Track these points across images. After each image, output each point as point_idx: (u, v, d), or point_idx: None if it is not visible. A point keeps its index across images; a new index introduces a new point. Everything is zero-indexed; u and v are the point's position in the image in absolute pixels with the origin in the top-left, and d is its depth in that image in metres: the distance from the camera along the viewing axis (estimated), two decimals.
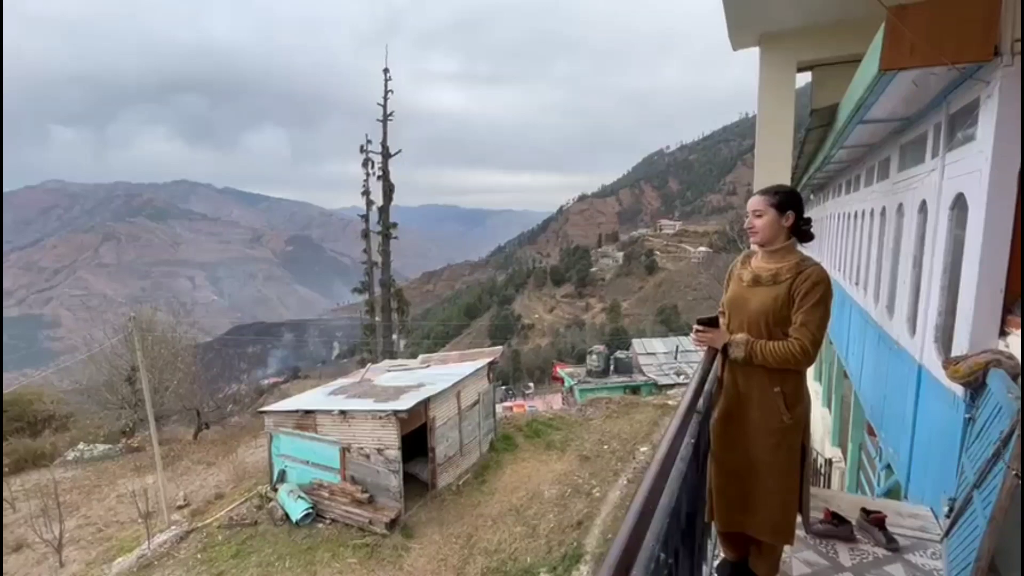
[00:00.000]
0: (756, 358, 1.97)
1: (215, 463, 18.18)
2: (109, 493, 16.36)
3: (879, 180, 4.37)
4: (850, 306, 5.62)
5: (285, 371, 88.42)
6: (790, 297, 1.96)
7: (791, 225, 2.03)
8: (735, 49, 4.45)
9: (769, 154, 4.19)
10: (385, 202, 26.66)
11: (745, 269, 2.14)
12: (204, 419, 21.89)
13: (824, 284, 1.95)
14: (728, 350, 2.04)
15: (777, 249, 2.05)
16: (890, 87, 2.63)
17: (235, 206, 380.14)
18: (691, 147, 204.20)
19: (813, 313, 1.92)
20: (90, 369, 21.31)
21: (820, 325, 1.92)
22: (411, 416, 10.80)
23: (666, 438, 1.29)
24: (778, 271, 2.01)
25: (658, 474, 1.13)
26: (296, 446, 11.66)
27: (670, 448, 1.25)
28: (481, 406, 13.55)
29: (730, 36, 4.27)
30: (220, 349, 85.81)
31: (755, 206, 2.04)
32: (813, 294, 1.93)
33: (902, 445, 3.28)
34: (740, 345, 1.99)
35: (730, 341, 2.02)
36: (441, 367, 14.44)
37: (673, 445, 1.29)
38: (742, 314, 2.06)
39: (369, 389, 12.41)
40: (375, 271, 27.04)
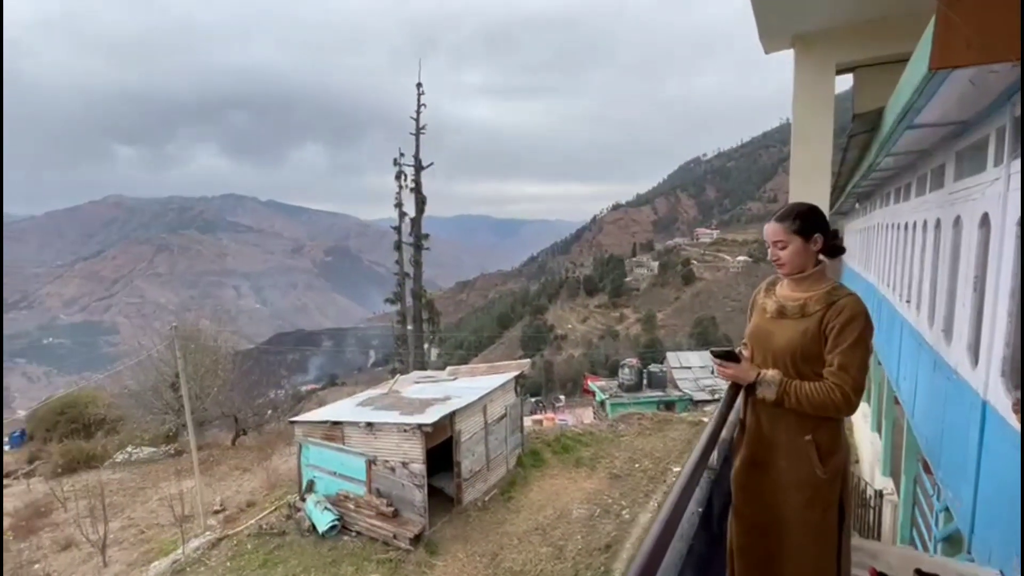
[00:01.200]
0: (789, 401, 1.71)
1: (250, 469, 18.62)
2: (152, 496, 16.96)
3: (932, 190, 3.98)
4: (901, 324, 5.16)
5: (323, 378, 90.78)
6: (821, 333, 1.71)
7: (820, 248, 1.79)
8: (767, 52, 4.17)
9: (806, 163, 3.87)
10: (417, 213, 27.00)
11: (769, 299, 1.90)
12: (241, 425, 22.52)
13: (862, 318, 1.69)
14: (756, 388, 1.78)
15: (805, 276, 1.80)
16: (943, 88, 2.33)
17: (278, 218, 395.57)
18: (729, 154, 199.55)
19: (853, 354, 1.66)
20: (138, 375, 22.32)
21: (862, 368, 1.66)
22: (436, 429, 10.70)
23: (666, 506, 1.08)
24: (806, 302, 1.77)
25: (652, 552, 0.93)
26: (324, 457, 11.75)
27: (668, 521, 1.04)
28: (508, 420, 13.34)
29: (761, 39, 3.99)
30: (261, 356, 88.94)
31: (776, 236, 1.79)
32: (850, 331, 1.67)
33: (963, 491, 2.90)
34: (772, 384, 1.74)
35: (759, 378, 1.77)
36: (469, 379, 14.34)
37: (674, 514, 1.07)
38: (766, 350, 1.82)
39: (396, 401, 12.41)
40: (407, 282, 27.36)
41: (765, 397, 1.76)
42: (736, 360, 1.85)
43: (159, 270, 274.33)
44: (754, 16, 3.59)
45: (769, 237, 1.82)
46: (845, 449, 1.78)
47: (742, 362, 1.84)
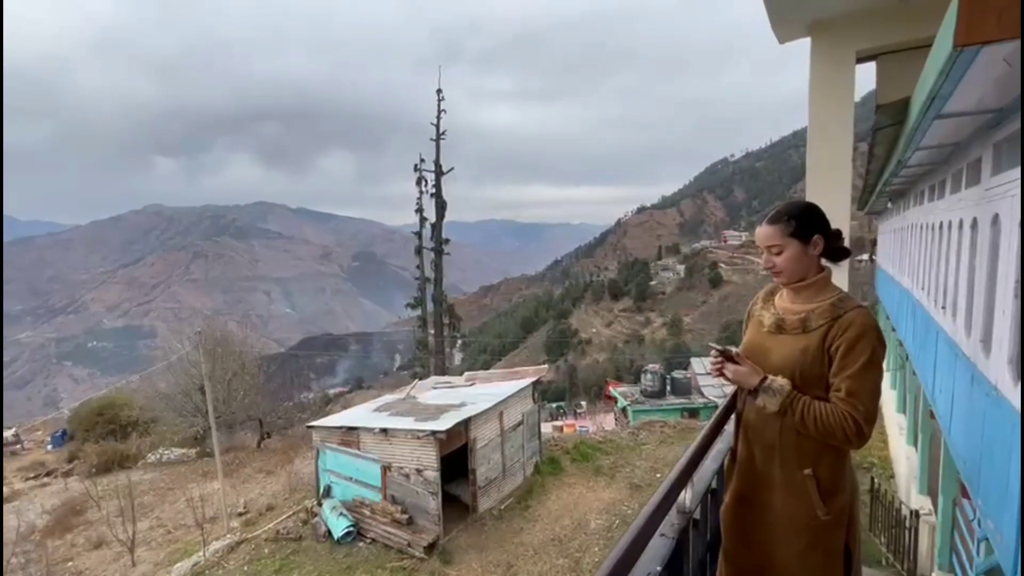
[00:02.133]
0: (794, 415, 1.48)
1: (273, 472, 18.89)
2: (180, 496, 17.36)
3: (968, 186, 3.64)
4: (936, 333, 4.77)
5: (350, 381, 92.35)
6: (824, 351, 1.49)
7: (821, 251, 1.56)
8: (782, 42, 3.90)
9: (824, 161, 3.58)
10: (438, 219, 27.10)
11: (767, 310, 1.67)
12: (266, 428, 22.91)
13: (872, 335, 1.45)
14: (757, 394, 1.54)
15: (807, 285, 1.57)
16: (972, 69, 2.06)
17: (307, 225, 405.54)
18: (757, 154, 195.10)
19: (863, 378, 1.42)
20: (169, 378, 22.96)
21: (874, 394, 1.43)
22: (451, 436, 10.59)
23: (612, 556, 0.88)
24: (807, 315, 1.54)
25: None
26: (341, 462, 11.78)
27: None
28: (525, 427, 13.14)
29: (774, 28, 3.73)
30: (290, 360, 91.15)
31: (769, 239, 1.58)
32: (859, 351, 1.44)
33: (1005, 522, 2.58)
34: (778, 393, 1.49)
35: (764, 384, 1.52)
36: (485, 385, 14.20)
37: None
38: (761, 369, 1.59)
39: (412, 407, 12.36)
40: (428, 286, 27.46)
41: (767, 407, 1.52)
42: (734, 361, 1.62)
43: (195, 276, 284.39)
44: (763, 3, 3.33)
45: (761, 241, 1.60)
46: (851, 486, 1.55)
47: (745, 362, 1.59)
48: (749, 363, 1.58)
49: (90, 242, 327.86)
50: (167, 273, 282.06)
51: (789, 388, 1.49)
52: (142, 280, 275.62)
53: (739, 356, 1.60)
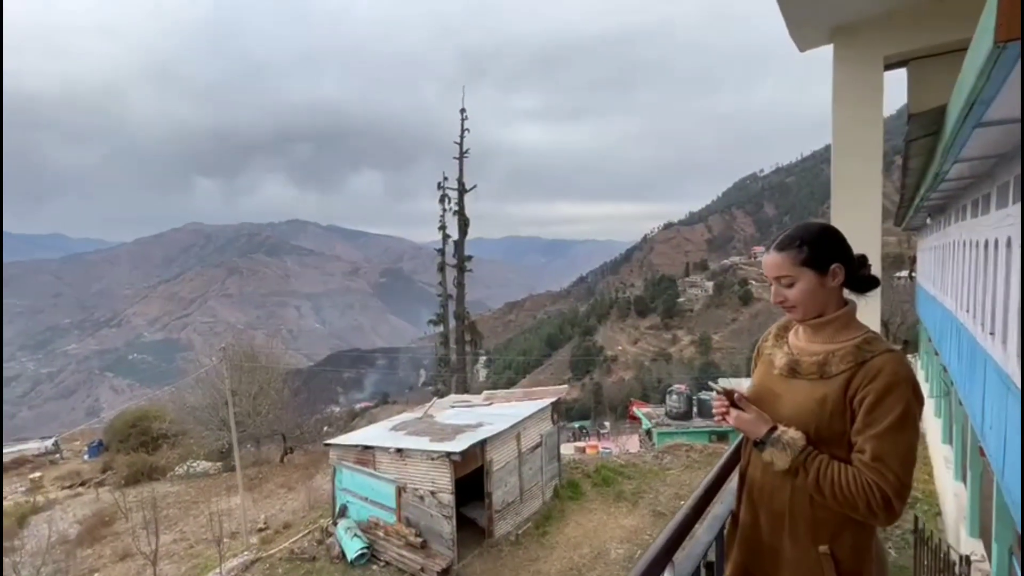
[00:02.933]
0: (807, 477, 1.22)
1: (294, 488, 18.95)
2: (203, 510, 17.54)
3: (1015, 201, 3.30)
4: (984, 361, 4.35)
5: (376, 396, 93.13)
6: (846, 403, 1.23)
7: (842, 281, 1.30)
8: (802, 50, 3.66)
9: (851, 177, 3.30)
10: (460, 236, 27.23)
11: (779, 349, 1.42)
12: (289, 443, 23.08)
13: (905, 386, 1.18)
14: (763, 446, 1.28)
15: (827, 322, 1.31)
16: (1017, 69, 1.81)
17: (337, 241, 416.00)
18: (788, 169, 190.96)
19: (894, 440, 1.16)
20: (197, 392, 23.45)
21: (907, 459, 1.16)
22: (467, 458, 10.36)
23: None
24: (826, 358, 1.28)
25: None
26: (357, 481, 11.66)
27: None
28: (544, 449, 12.79)
29: (793, 35, 3.50)
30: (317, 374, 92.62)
31: (778, 270, 1.31)
32: (889, 405, 1.17)
33: None
34: (789, 447, 1.23)
35: (773, 436, 1.27)
36: (504, 405, 13.94)
37: None
38: (772, 418, 1.34)
39: (428, 426, 12.20)
40: (450, 303, 27.49)
41: (775, 463, 1.26)
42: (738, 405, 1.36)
43: (230, 291, 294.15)
44: (779, 8, 3.11)
45: (769, 272, 1.34)
46: (879, 566, 1.27)
47: (750, 408, 1.34)
48: (755, 409, 1.33)
49: (134, 258, 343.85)
50: (204, 288, 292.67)
51: (802, 443, 1.24)
52: (181, 295, 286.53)
53: (742, 400, 1.35)
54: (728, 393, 1.37)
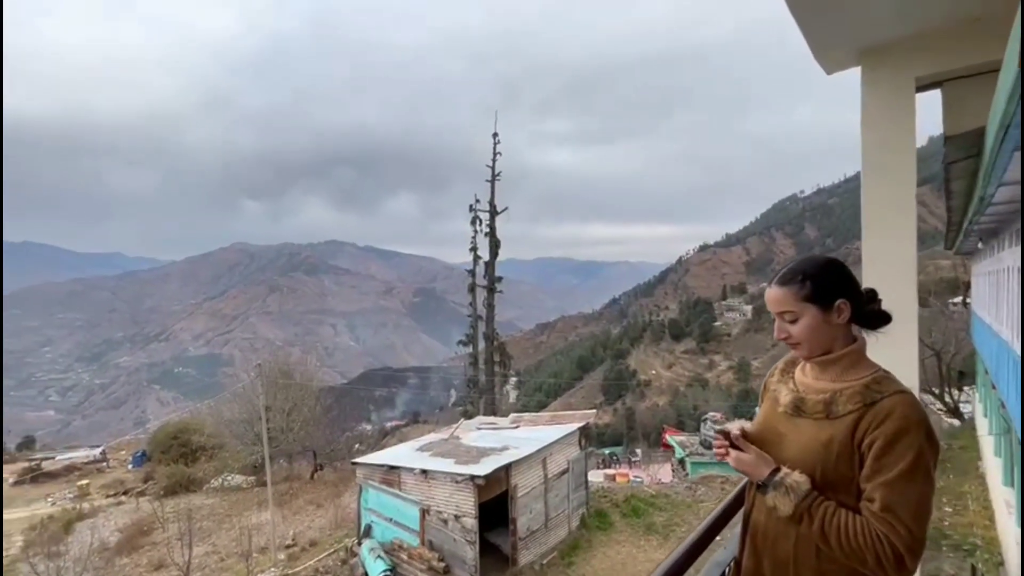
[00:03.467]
0: (811, 525, 1.14)
1: (323, 505, 19.12)
2: (235, 524, 17.91)
3: None
4: None
5: (407, 415, 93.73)
6: (854, 446, 1.15)
7: (849, 317, 1.23)
8: (829, 73, 3.58)
9: (883, 203, 3.17)
10: (491, 257, 27.47)
11: (784, 385, 1.35)
12: (320, 460, 23.38)
13: (918, 431, 1.10)
14: (766, 489, 1.21)
15: (834, 360, 1.24)
16: None
17: (372, 262, 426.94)
18: (830, 190, 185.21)
19: (905, 489, 1.07)
20: (234, 407, 24.16)
21: (919, 510, 1.07)
22: (491, 482, 10.23)
23: None
24: (833, 396, 1.21)
25: None
26: (382, 501, 11.66)
27: None
28: (571, 475, 12.50)
29: (818, 58, 3.43)
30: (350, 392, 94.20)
31: (780, 305, 1.25)
32: (900, 452, 1.08)
33: None
34: (793, 492, 1.16)
35: (774, 478, 1.20)
36: (530, 429, 13.75)
37: None
38: (774, 459, 1.26)
39: (454, 448, 12.14)
40: (480, 324, 27.60)
41: (778, 508, 1.18)
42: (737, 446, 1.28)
43: (270, 309, 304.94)
44: (800, 30, 3.07)
45: (772, 307, 1.28)
46: None
47: (750, 448, 1.27)
48: (755, 450, 1.25)
49: (183, 276, 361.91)
50: (246, 306, 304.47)
51: (807, 488, 1.16)
52: (224, 312, 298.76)
53: (739, 440, 1.28)
54: (725, 433, 1.30)
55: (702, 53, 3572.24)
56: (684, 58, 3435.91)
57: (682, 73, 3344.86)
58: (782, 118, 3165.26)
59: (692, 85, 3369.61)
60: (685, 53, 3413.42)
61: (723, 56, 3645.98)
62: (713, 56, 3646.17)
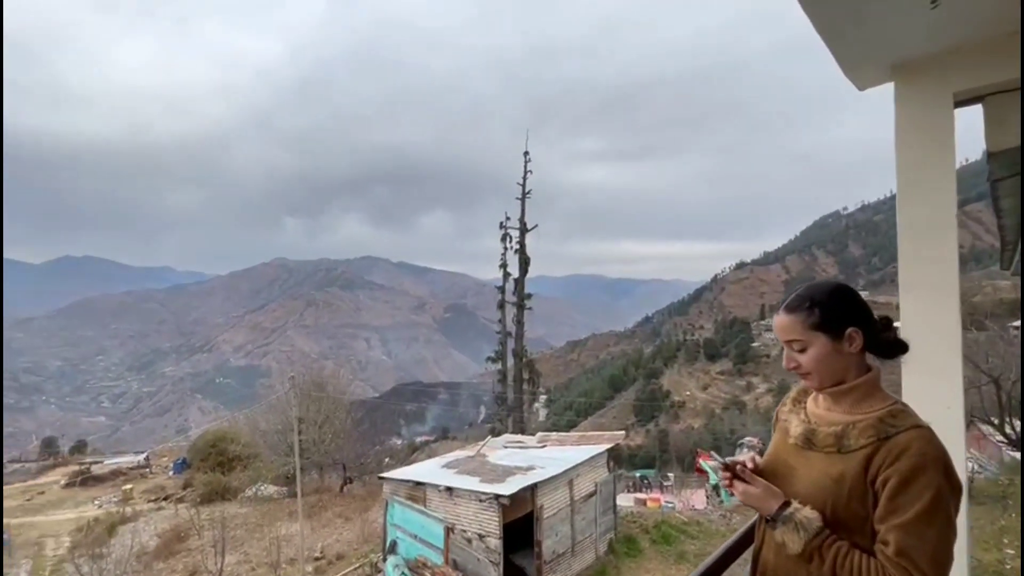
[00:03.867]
0: (822, 565, 1.08)
1: (351, 519, 19.28)
2: (266, 534, 18.25)
3: None
4: None
5: (437, 431, 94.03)
6: (867, 483, 1.08)
7: (860, 347, 1.17)
8: (861, 89, 3.46)
9: (921, 224, 3.01)
10: (521, 274, 27.54)
11: (795, 415, 1.29)
12: (349, 474, 23.63)
13: (936, 468, 1.03)
14: (775, 524, 1.15)
15: (846, 391, 1.18)
16: None
17: (405, 277, 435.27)
18: (876, 206, 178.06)
19: (922, 532, 1.00)
20: (270, 417, 24.79)
21: (937, 554, 1.00)
22: (516, 502, 10.08)
23: None
24: (845, 429, 1.14)
25: None
26: (407, 517, 11.65)
27: None
28: (599, 498, 12.20)
29: (848, 73, 3.33)
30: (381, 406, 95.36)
31: (788, 333, 1.20)
32: (916, 491, 1.02)
33: None
34: (803, 528, 1.10)
35: (783, 512, 1.14)
36: (557, 448, 13.55)
37: None
38: (785, 493, 1.20)
39: (480, 466, 12.06)
40: (509, 340, 27.57)
41: (787, 545, 1.12)
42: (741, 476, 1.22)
43: (307, 322, 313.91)
44: (826, 45, 3.01)
45: (780, 335, 1.23)
46: None
47: (757, 481, 1.20)
48: (762, 483, 1.19)
49: (227, 290, 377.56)
50: (284, 319, 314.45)
51: (818, 525, 1.10)
52: (264, 325, 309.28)
53: (744, 471, 1.21)
54: (730, 465, 1.24)
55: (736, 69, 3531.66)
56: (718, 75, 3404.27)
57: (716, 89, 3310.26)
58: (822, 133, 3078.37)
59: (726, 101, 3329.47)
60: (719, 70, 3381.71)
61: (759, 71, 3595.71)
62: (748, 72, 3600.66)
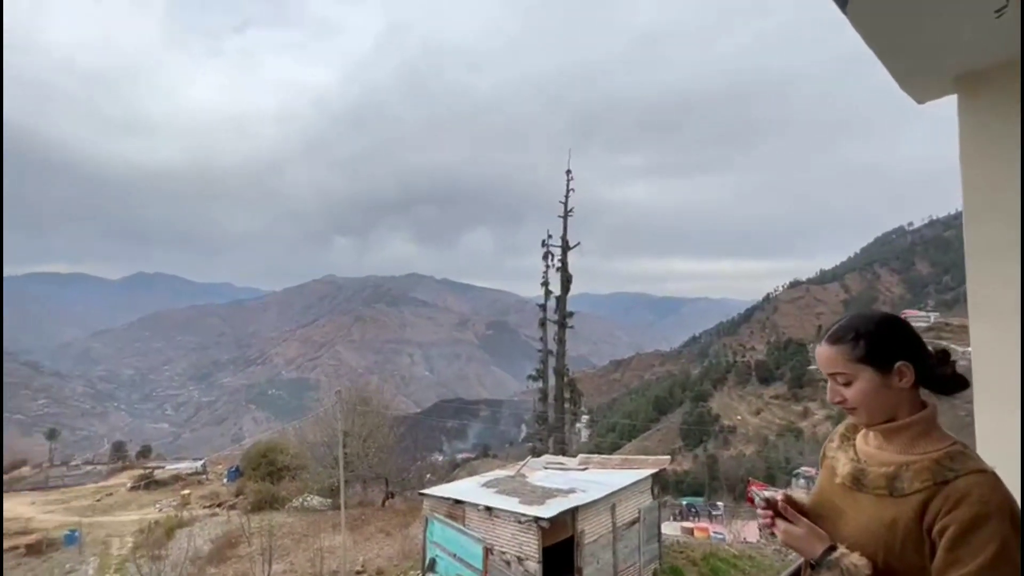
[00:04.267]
0: None
1: (392, 534, 19.44)
2: (311, 544, 18.67)
3: None
4: None
5: (477, 448, 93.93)
6: (923, 531, 0.99)
7: (913, 382, 1.07)
8: (921, 102, 3.29)
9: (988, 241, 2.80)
10: (563, 292, 27.41)
11: (844, 453, 1.20)
12: (391, 488, 23.91)
13: (1001, 517, 0.92)
14: (819, 569, 1.07)
15: (899, 428, 1.09)
16: None
17: (449, 294, 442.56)
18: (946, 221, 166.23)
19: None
20: (317, 430, 25.53)
21: None
22: (556, 525, 9.87)
23: None
24: (898, 471, 1.05)
25: None
26: (446, 536, 11.64)
27: None
28: (642, 526, 11.76)
29: (905, 87, 3.19)
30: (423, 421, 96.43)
31: (832, 365, 1.11)
32: (980, 542, 0.92)
33: None
34: (850, 575, 1.02)
35: (828, 556, 1.05)
36: (599, 472, 13.22)
37: None
38: (831, 536, 1.11)
39: (519, 486, 11.92)
40: (551, 359, 27.36)
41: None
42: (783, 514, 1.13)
43: (354, 337, 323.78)
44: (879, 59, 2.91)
45: (823, 367, 1.15)
46: None
47: (801, 521, 1.12)
48: (806, 523, 1.11)
49: (281, 306, 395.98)
50: (333, 334, 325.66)
51: (867, 573, 1.00)
52: (313, 339, 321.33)
53: (787, 509, 1.13)
54: (771, 502, 1.16)
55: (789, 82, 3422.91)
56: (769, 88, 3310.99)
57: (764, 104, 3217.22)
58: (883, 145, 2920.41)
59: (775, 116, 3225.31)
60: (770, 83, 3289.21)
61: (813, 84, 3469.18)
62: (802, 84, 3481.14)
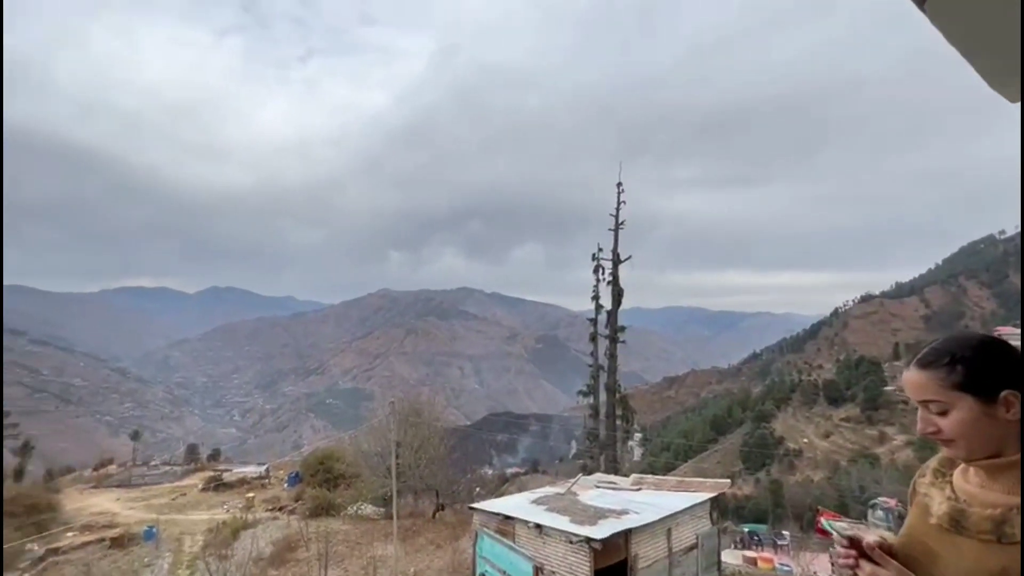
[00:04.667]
0: None
1: (442, 546, 19.53)
2: (364, 552, 19.08)
3: None
4: None
5: (527, 463, 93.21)
6: None
7: (1020, 414, 0.93)
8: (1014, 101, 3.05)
9: None
10: (614, 306, 26.91)
11: (938, 490, 1.07)
12: (441, 500, 24.07)
13: None
14: None
15: (1005, 466, 0.96)
16: None
17: (499, 308, 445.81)
18: None
19: None
20: (371, 439, 26.20)
21: None
22: (608, 547, 9.55)
23: None
24: (1007, 514, 0.92)
25: None
26: (496, 551, 11.54)
27: None
28: (700, 553, 11.17)
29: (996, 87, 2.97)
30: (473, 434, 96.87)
31: (923, 392, 1.01)
32: None
33: None
34: None
35: None
36: (653, 493, 12.72)
37: None
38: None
39: (570, 504, 11.67)
40: (602, 375, 26.83)
41: None
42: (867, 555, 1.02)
43: (406, 349, 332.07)
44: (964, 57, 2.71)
45: (912, 395, 1.03)
46: None
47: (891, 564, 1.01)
48: (898, 567, 0.99)
49: (338, 318, 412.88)
50: (387, 346, 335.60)
51: None
52: (369, 350, 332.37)
53: (874, 551, 1.02)
54: (855, 541, 1.04)
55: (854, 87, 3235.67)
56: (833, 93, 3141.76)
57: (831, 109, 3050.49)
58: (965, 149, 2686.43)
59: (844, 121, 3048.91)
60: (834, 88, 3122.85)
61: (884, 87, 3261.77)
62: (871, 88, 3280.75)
